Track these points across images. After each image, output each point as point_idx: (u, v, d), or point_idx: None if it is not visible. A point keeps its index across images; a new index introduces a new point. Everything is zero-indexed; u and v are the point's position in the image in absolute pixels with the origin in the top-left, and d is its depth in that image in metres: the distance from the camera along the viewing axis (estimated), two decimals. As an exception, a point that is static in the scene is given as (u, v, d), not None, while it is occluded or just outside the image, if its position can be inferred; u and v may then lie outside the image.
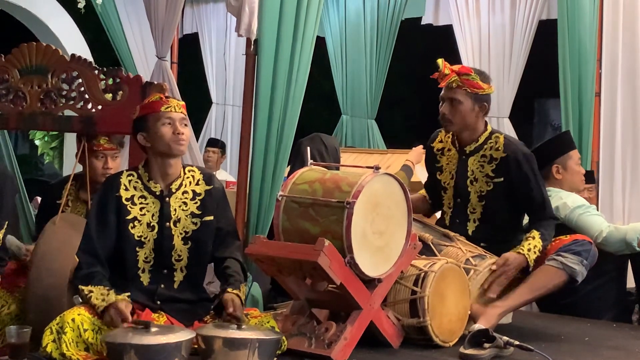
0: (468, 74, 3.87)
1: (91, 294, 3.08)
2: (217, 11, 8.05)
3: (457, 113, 3.89)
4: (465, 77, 3.86)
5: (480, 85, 3.88)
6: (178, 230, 3.29)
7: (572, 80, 5.31)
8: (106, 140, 4.07)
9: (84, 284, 3.12)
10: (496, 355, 3.38)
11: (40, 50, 3.99)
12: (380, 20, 7.31)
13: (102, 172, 4.06)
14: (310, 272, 3.35)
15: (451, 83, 3.86)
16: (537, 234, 3.80)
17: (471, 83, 3.86)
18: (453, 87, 3.87)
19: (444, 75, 3.86)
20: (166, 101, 3.27)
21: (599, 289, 4.37)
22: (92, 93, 3.88)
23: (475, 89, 3.87)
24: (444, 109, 3.92)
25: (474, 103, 3.89)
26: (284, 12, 4.11)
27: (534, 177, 3.88)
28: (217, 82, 8.15)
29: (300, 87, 4.21)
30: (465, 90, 3.86)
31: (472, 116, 3.91)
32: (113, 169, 4.09)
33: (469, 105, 3.88)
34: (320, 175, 3.44)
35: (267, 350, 2.92)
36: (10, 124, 4.14)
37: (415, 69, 15.68)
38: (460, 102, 3.87)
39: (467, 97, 3.87)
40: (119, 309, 3.01)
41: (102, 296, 3.07)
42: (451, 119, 3.91)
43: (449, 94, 3.90)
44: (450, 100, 3.90)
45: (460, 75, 3.85)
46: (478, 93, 3.88)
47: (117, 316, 3.01)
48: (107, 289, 3.10)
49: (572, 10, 5.27)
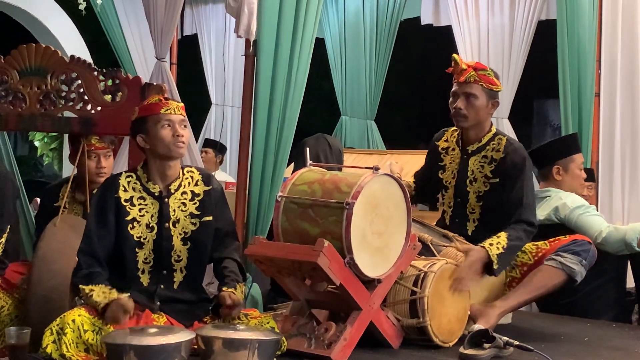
0: (484, 70, 3.92)
1: (92, 292, 3.07)
2: (216, 12, 8.04)
3: (472, 108, 3.90)
4: (482, 73, 3.89)
5: (495, 82, 3.93)
6: (177, 231, 3.29)
7: (571, 81, 5.31)
8: (97, 140, 4.07)
9: (85, 283, 3.11)
10: (496, 356, 3.38)
11: (39, 52, 3.99)
12: (380, 20, 7.31)
13: (96, 172, 4.07)
14: (309, 273, 3.35)
15: (469, 78, 3.88)
16: (504, 234, 3.73)
17: (487, 79, 3.90)
18: (470, 81, 3.89)
19: (461, 70, 3.88)
20: (165, 103, 3.27)
21: (599, 289, 4.38)
22: (91, 94, 3.88)
23: (490, 84, 3.91)
24: (460, 103, 3.90)
25: (488, 99, 3.91)
26: (283, 13, 4.11)
27: (521, 179, 3.84)
28: (217, 83, 8.14)
29: (299, 87, 4.22)
30: (481, 85, 3.89)
31: (486, 112, 3.94)
32: (106, 167, 4.10)
33: (484, 101, 3.90)
34: (319, 176, 3.44)
35: (266, 351, 2.92)
36: (10, 125, 4.14)
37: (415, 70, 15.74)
38: (477, 97, 3.89)
39: (483, 92, 3.89)
40: (122, 303, 3.00)
41: (104, 294, 3.07)
42: (466, 114, 3.90)
43: (465, 89, 3.90)
44: (466, 95, 3.90)
45: (477, 70, 3.89)
46: (492, 89, 3.92)
47: (119, 311, 2.99)
48: (108, 288, 3.10)
49: (572, 11, 5.28)
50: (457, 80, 3.90)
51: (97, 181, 4.00)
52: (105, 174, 4.07)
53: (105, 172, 4.08)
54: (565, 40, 5.29)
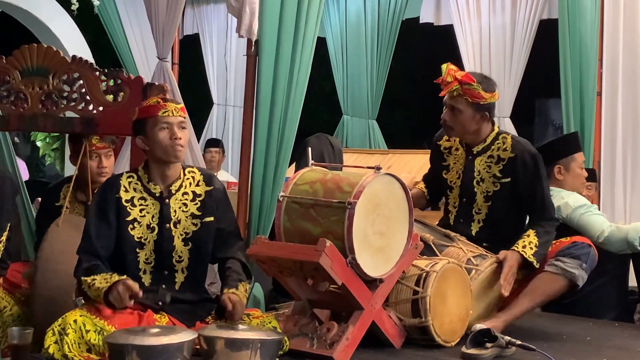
0: (470, 84, 3.82)
1: (94, 281, 3.06)
2: (217, 12, 8.05)
3: (457, 121, 3.90)
4: (467, 87, 3.83)
5: (482, 96, 3.84)
6: (178, 232, 3.29)
7: (573, 80, 5.31)
8: (98, 140, 4.07)
9: (87, 275, 3.10)
10: (498, 355, 3.38)
11: (41, 52, 3.99)
12: (381, 20, 7.31)
13: (98, 172, 4.07)
14: (311, 273, 3.35)
15: (452, 92, 3.86)
16: (532, 232, 3.80)
17: (472, 93, 3.83)
18: (454, 95, 3.87)
19: (446, 83, 3.85)
20: (164, 105, 3.25)
21: (601, 288, 4.37)
22: (93, 94, 3.88)
23: (476, 98, 3.84)
24: (445, 115, 3.93)
25: (474, 112, 3.87)
26: (285, 12, 4.11)
27: (539, 178, 3.87)
28: (218, 83, 8.14)
29: (301, 87, 4.21)
30: (466, 99, 3.84)
31: (473, 124, 3.90)
32: (108, 167, 4.09)
33: (469, 114, 3.87)
34: (321, 176, 3.44)
35: (268, 351, 2.92)
36: (12, 125, 4.14)
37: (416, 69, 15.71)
38: (461, 112, 3.87)
39: (468, 106, 3.85)
40: (127, 284, 2.98)
41: (106, 280, 3.05)
42: (452, 126, 3.93)
43: (450, 102, 3.90)
44: (451, 108, 3.90)
45: (462, 84, 3.83)
46: (479, 102, 3.86)
47: (125, 292, 2.97)
48: (109, 274, 3.08)
49: (573, 10, 5.27)
50: (441, 94, 3.90)
51: (99, 181, 4.00)
52: (106, 174, 4.07)
53: (106, 172, 4.08)
54: (567, 39, 5.29)
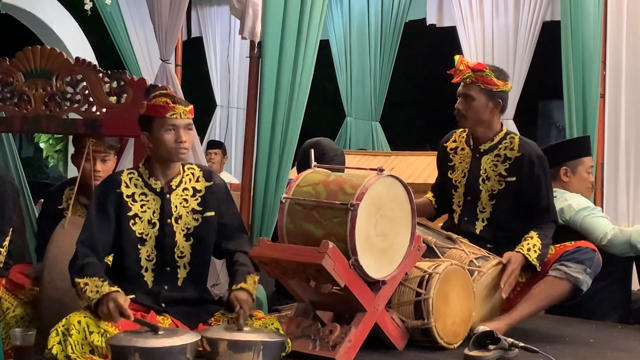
0: (482, 71, 3.93)
1: (86, 287, 3.04)
2: (221, 14, 8.05)
3: (470, 109, 3.96)
4: (479, 74, 3.92)
5: (495, 82, 3.94)
6: (179, 227, 3.30)
7: (576, 82, 5.29)
8: (94, 143, 4.05)
9: (80, 276, 3.08)
10: (501, 357, 3.38)
11: (44, 54, 4.00)
12: (384, 22, 7.32)
13: (90, 175, 4.03)
14: (314, 275, 3.35)
15: (465, 79, 3.94)
16: (535, 234, 3.84)
17: (485, 80, 3.92)
18: (467, 82, 3.95)
19: (458, 71, 3.94)
20: (172, 107, 3.25)
21: (604, 290, 4.36)
22: (96, 96, 3.89)
23: (489, 85, 3.93)
24: (459, 104, 4.00)
25: (487, 99, 3.94)
26: (288, 14, 4.11)
27: (544, 180, 3.93)
28: (222, 85, 8.15)
29: (304, 89, 4.21)
30: (478, 86, 3.93)
31: (486, 112, 3.97)
32: (102, 171, 4.04)
33: (482, 102, 3.94)
34: (324, 178, 3.44)
35: (271, 353, 2.92)
36: (15, 127, 4.14)
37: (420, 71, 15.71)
38: (473, 98, 3.95)
39: (481, 93, 3.94)
40: (118, 304, 2.95)
41: (97, 288, 3.02)
42: (465, 114, 3.99)
43: (463, 90, 3.98)
44: (464, 96, 3.97)
45: (474, 71, 3.92)
46: (492, 89, 3.93)
47: (115, 311, 2.95)
48: (101, 280, 3.04)
49: (576, 12, 5.26)
50: (454, 80, 3.96)
51: (90, 184, 3.98)
52: (99, 178, 3.99)
53: (100, 176, 4.00)
54: (569, 41, 5.27)
